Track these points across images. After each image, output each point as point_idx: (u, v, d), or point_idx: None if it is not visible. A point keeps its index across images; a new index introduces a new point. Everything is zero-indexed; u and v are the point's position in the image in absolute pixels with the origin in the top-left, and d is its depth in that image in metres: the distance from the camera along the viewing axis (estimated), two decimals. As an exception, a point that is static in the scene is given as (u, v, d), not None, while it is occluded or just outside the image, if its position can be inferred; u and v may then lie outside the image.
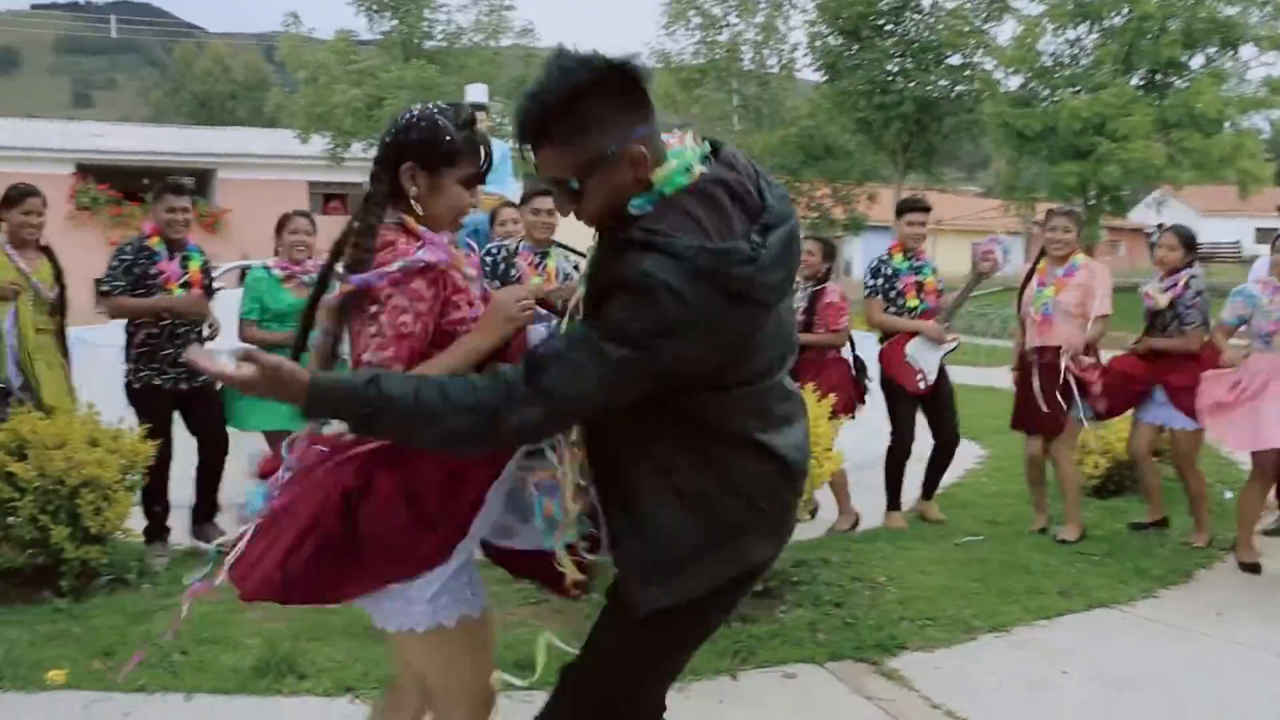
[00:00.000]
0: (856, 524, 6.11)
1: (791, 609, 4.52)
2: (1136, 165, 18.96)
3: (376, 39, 21.61)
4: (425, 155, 2.19)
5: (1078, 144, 19.74)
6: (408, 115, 2.23)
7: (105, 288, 5.33)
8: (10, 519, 4.60)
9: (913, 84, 20.97)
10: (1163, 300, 5.63)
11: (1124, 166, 19.04)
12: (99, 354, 6.28)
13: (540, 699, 3.62)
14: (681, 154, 1.93)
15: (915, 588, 4.85)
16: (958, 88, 22.06)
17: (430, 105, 2.26)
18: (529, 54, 22.29)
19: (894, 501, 6.23)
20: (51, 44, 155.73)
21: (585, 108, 1.86)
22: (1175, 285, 5.63)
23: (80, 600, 4.56)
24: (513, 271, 5.51)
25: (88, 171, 25.90)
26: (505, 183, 7.85)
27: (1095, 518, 6.15)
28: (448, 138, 2.19)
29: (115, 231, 24.60)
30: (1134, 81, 20.60)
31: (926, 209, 6.28)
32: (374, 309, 2.08)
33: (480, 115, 8.17)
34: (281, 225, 5.68)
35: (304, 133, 21.64)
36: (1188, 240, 5.74)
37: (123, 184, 25.42)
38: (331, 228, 2.40)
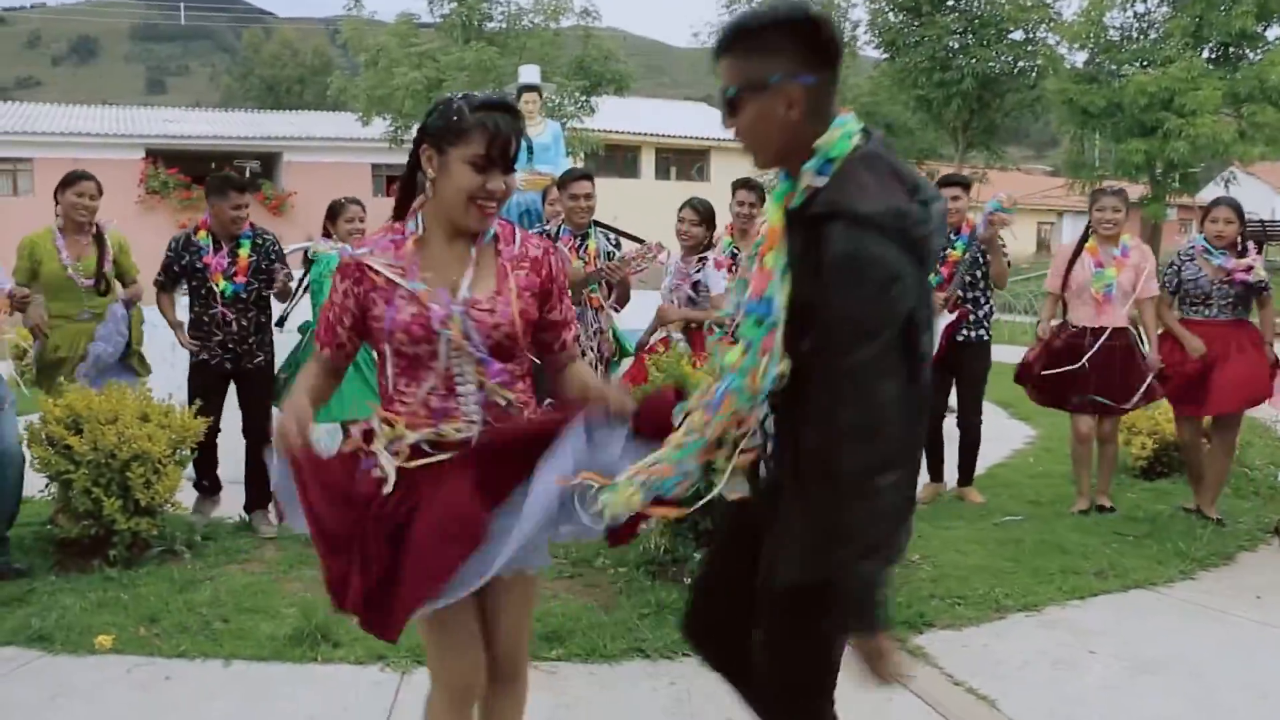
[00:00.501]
0: None
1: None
2: (1205, 141, 18.45)
3: (437, 22, 21.78)
4: (436, 135, 2.25)
5: (1144, 120, 19.25)
6: (436, 102, 2.35)
7: (156, 280, 5.61)
8: (67, 491, 4.82)
9: (973, 60, 20.57)
10: (1262, 272, 5.55)
11: (1192, 143, 18.54)
12: (156, 332, 6.49)
13: (568, 671, 3.72)
14: (845, 123, 2.05)
15: (948, 566, 4.83)
16: (1020, 64, 21.62)
17: (460, 92, 2.35)
18: (589, 34, 22.32)
19: (934, 472, 6.23)
20: (127, 32, 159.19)
21: (769, 36, 2.03)
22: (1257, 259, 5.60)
23: (130, 569, 4.74)
24: None
25: (157, 156, 26.51)
26: (558, 163, 7.91)
27: (1140, 499, 6.08)
28: (456, 118, 2.22)
29: (184, 215, 25.18)
30: (1204, 55, 20.03)
31: (966, 185, 6.22)
32: None
33: (531, 95, 8.28)
34: (336, 213, 5.79)
35: (365, 115, 21.92)
36: (1242, 212, 5.68)
37: (191, 168, 26.00)
38: (390, 209, 2.47)
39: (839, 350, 1.90)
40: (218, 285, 5.46)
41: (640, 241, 5.65)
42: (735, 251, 5.91)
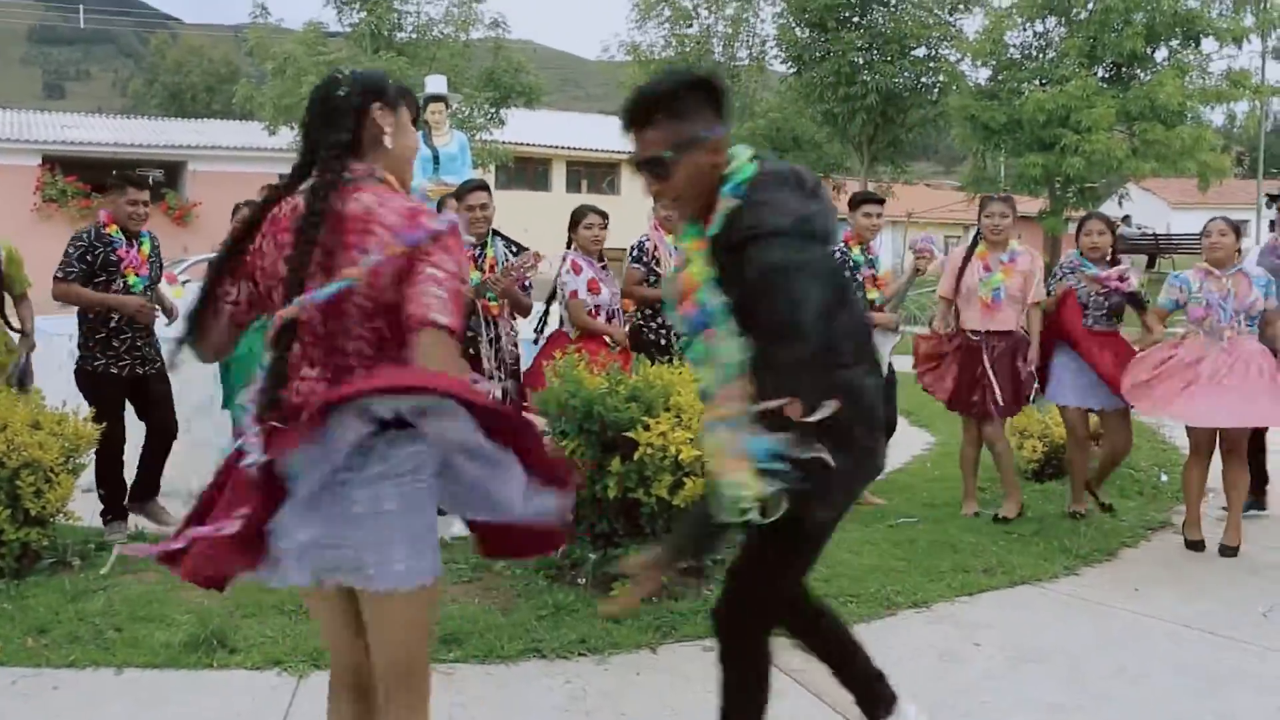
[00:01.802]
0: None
1: (718, 587, 4.62)
2: (1099, 157, 19.16)
3: (345, 31, 21.54)
4: (388, 92, 2.29)
5: (1042, 136, 19.90)
6: (349, 71, 2.35)
7: (60, 274, 5.34)
8: (-49, 501, 4.68)
9: (878, 76, 21.08)
10: (1135, 282, 5.82)
11: (1087, 158, 19.23)
12: (52, 342, 6.35)
13: (465, 672, 3.74)
14: (739, 152, 2.44)
15: (842, 566, 4.96)
16: (923, 80, 22.22)
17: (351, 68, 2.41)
18: (499, 45, 22.29)
19: None
20: (24, 34, 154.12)
21: (686, 100, 2.41)
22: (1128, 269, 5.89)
23: (18, 581, 4.62)
24: None
25: (55, 163, 25.72)
26: (463, 173, 7.91)
27: (1030, 500, 6.28)
28: (394, 83, 2.33)
29: (83, 224, 24.40)
30: (1098, 74, 20.81)
31: (881, 201, 6.42)
32: (429, 270, 2.08)
33: (438, 106, 8.27)
34: (236, 215, 5.73)
35: (272, 124, 21.57)
36: (1112, 225, 5.99)
37: (91, 176, 25.16)
38: None
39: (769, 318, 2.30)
40: (129, 280, 5.38)
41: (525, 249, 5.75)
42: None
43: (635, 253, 6.16)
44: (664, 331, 6.07)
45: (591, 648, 3.98)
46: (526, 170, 31.51)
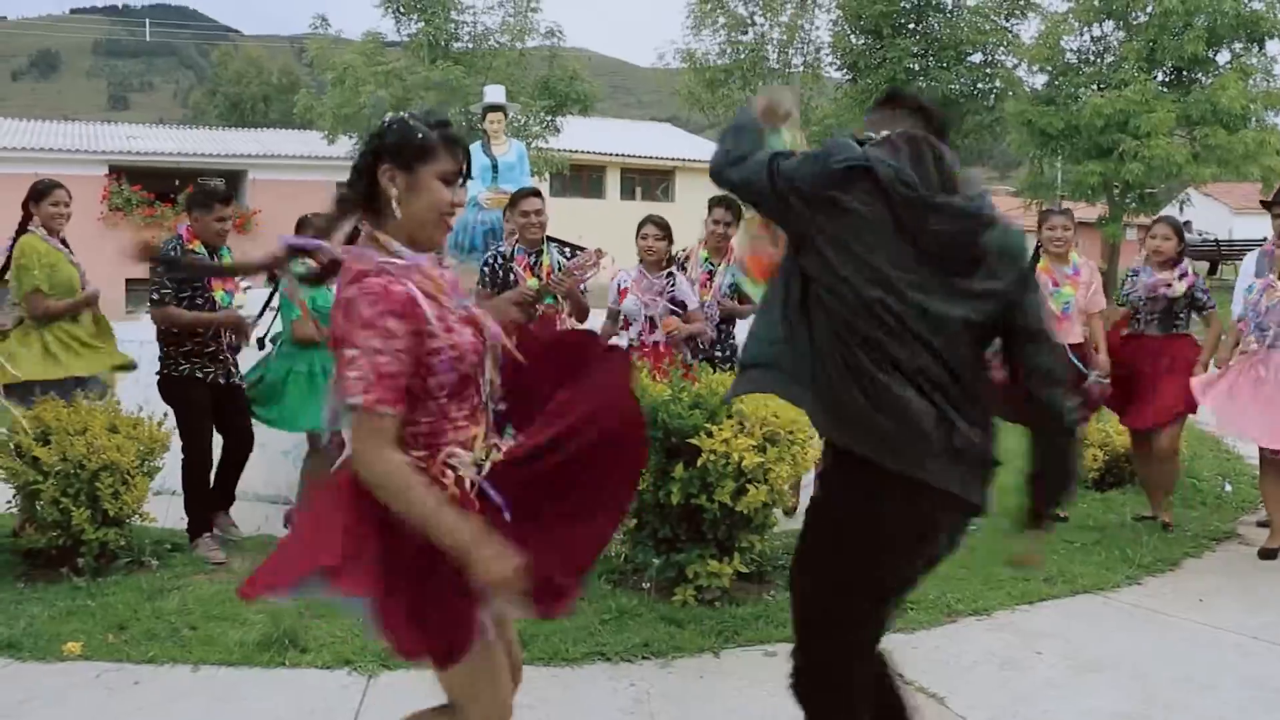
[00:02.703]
0: None
1: (780, 592, 4.67)
2: (1159, 162, 18.86)
3: (404, 41, 21.85)
4: (401, 154, 2.23)
5: (1100, 142, 19.63)
6: (382, 123, 2.33)
7: (155, 295, 5.39)
8: (35, 502, 4.85)
9: (933, 82, 20.92)
10: (1180, 288, 5.78)
11: (1146, 164, 18.94)
12: (126, 349, 6.51)
13: (531, 673, 3.81)
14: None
15: (902, 573, 4.97)
16: (979, 86, 22.02)
17: (403, 111, 2.38)
18: (554, 54, 22.50)
19: None
20: (89, 47, 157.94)
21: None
22: (1186, 274, 5.81)
23: (98, 579, 4.78)
24: (511, 276, 5.73)
25: (121, 172, 26.36)
26: (523, 182, 8.00)
27: (1091, 509, 6.25)
28: (420, 135, 2.24)
29: (147, 231, 24.99)
30: (1158, 78, 20.49)
31: None
32: (350, 353, 2.08)
33: (497, 115, 8.37)
34: (301, 228, 5.82)
35: (331, 134, 21.93)
36: (1180, 230, 5.91)
37: (155, 185, 25.84)
38: None
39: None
40: (217, 295, 5.42)
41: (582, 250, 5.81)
42: (712, 267, 6.07)
43: (678, 259, 6.22)
44: (714, 349, 6.08)
45: (655, 651, 4.03)
46: (581, 178, 31.67)
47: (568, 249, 5.89)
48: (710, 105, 25.91)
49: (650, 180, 34.09)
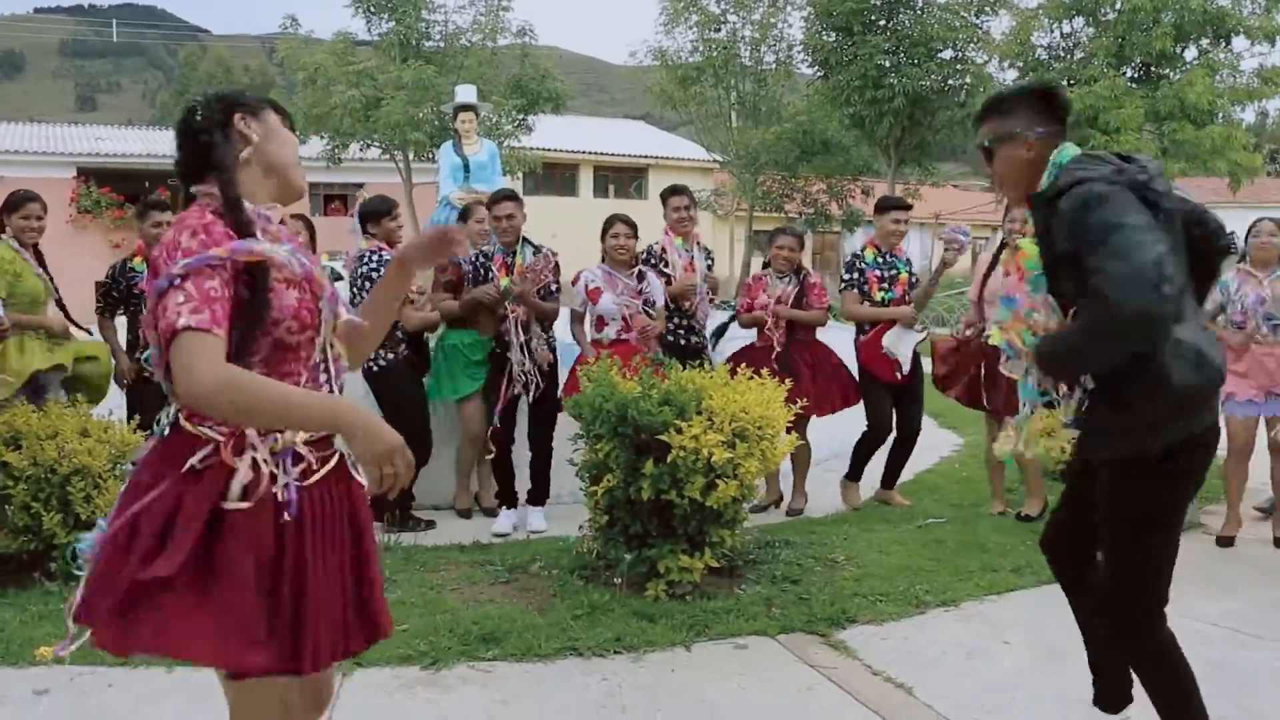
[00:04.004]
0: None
1: (750, 586, 4.72)
2: (1127, 158, 19.06)
3: (375, 40, 21.76)
4: (247, 103, 2.19)
5: (1071, 137, 19.74)
6: (203, 94, 2.24)
7: (97, 307, 5.73)
8: (4, 507, 4.83)
9: (904, 79, 21.03)
10: None
11: (1115, 159, 19.13)
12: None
13: (504, 670, 3.84)
14: (1068, 148, 2.80)
15: (872, 566, 5.04)
16: (949, 82, 22.16)
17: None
18: (526, 53, 22.46)
19: (854, 473, 6.44)
20: (55, 47, 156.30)
21: (1012, 105, 2.89)
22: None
23: (71, 583, 4.76)
24: (489, 274, 5.83)
25: (89, 175, 26.12)
26: (494, 181, 8.04)
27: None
28: (246, 92, 2.25)
29: (117, 234, 24.84)
30: (1127, 74, 20.69)
31: (907, 207, 6.49)
32: (171, 284, 1.94)
33: (468, 115, 8.39)
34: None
35: (302, 134, 21.82)
36: None
37: (125, 187, 25.64)
38: (331, 229, 2.46)
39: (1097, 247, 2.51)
40: None
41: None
42: (688, 251, 6.23)
43: (645, 255, 6.29)
44: (689, 335, 6.20)
45: (627, 646, 4.07)
46: (554, 176, 31.67)
47: (544, 250, 5.95)
48: (683, 103, 25.97)
49: (623, 178, 34.13)
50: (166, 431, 2.12)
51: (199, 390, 1.88)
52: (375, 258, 5.72)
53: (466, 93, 9.01)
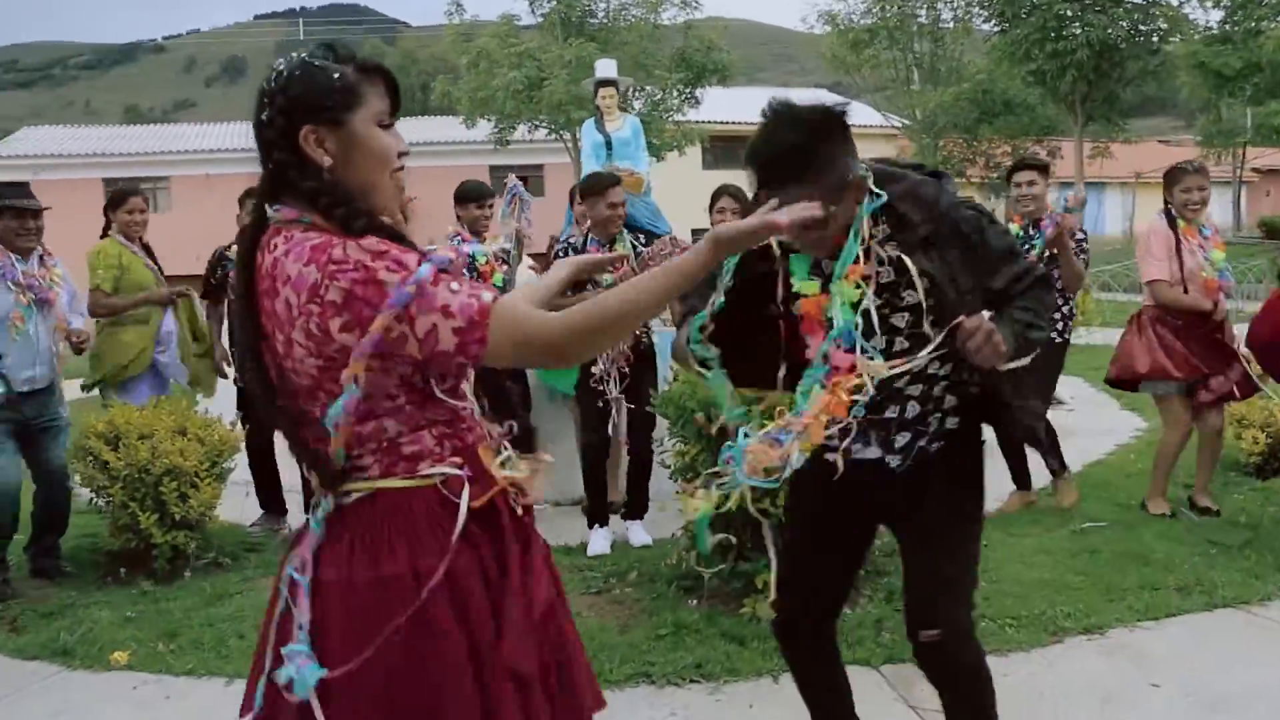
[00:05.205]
0: None
1: (864, 605, 4.21)
2: (1358, 100, 17.07)
3: (538, 22, 21.83)
4: (323, 109, 1.71)
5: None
6: (275, 74, 1.76)
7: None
8: (109, 505, 4.88)
9: (1087, 28, 19.40)
10: None
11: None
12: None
13: None
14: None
15: (1007, 582, 4.43)
16: (1140, 28, 20.31)
17: (299, 54, 1.78)
18: (690, 26, 22.03)
19: (1020, 480, 5.75)
20: (272, 50, 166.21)
21: (827, 149, 2.23)
22: None
23: (171, 582, 4.77)
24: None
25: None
26: (639, 158, 7.70)
27: (1246, 501, 5.53)
28: (336, 75, 1.72)
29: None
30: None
31: (1042, 167, 5.72)
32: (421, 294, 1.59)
33: (609, 90, 8.06)
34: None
35: (469, 118, 22.11)
36: None
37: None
38: None
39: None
40: None
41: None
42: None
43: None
44: None
45: (706, 674, 3.66)
46: (733, 150, 31.16)
47: (640, 237, 5.50)
48: (855, 67, 24.97)
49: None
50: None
51: (555, 338, 1.65)
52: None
53: (606, 68, 8.69)
